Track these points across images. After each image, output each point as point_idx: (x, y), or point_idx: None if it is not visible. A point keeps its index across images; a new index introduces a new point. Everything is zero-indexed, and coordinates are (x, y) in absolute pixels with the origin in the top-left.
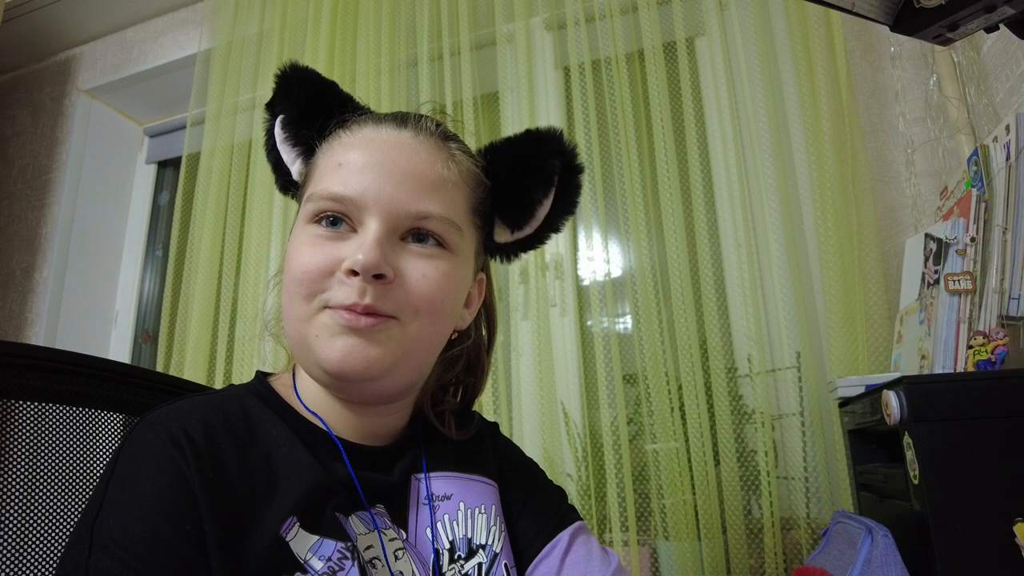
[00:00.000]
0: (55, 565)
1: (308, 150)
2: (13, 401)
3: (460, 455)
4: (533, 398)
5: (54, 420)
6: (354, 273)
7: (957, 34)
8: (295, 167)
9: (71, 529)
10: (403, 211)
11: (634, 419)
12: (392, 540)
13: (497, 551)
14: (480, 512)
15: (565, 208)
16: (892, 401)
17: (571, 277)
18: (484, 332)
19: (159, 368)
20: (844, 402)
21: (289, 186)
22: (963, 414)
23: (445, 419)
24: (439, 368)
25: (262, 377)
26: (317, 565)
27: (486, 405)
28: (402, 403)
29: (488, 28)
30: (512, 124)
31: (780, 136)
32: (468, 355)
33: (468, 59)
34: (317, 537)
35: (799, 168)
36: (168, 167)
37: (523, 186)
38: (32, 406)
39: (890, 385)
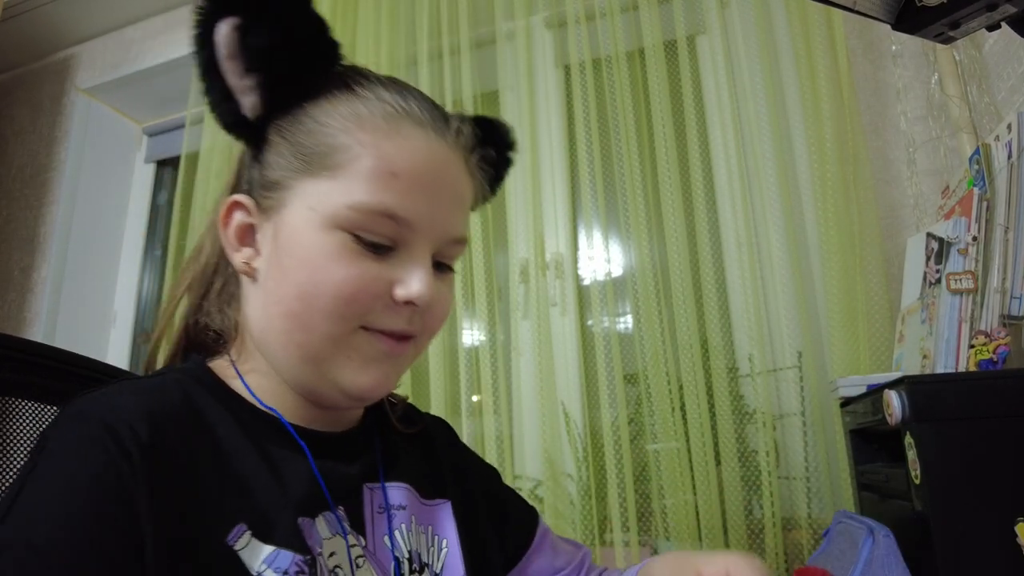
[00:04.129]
0: None
1: (272, 81)
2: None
3: (409, 464)
4: (533, 398)
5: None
6: (409, 304)
7: (959, 32)
8: (247, 98)
9: None
10: (446, 238)
11: (635, 419)
12: (354, 546)
13: (438, 572)
14: (421, 532)
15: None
16: (894, 401)
17: (571, 276)
18: None
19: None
20: (845, 402)
21: (238, 123)
22: (965, 414)
23: (395, 412)
24: None
25: (201, 361)
26: None
27: (486, 405)
28: None
29: (488, 26)
30: (512, 123)
31: (781, 135)
32: None
33: (468, 57)
34: (272, 548)
35: (800, 167)
36: (167, 166)
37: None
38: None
39: (892, 385)
